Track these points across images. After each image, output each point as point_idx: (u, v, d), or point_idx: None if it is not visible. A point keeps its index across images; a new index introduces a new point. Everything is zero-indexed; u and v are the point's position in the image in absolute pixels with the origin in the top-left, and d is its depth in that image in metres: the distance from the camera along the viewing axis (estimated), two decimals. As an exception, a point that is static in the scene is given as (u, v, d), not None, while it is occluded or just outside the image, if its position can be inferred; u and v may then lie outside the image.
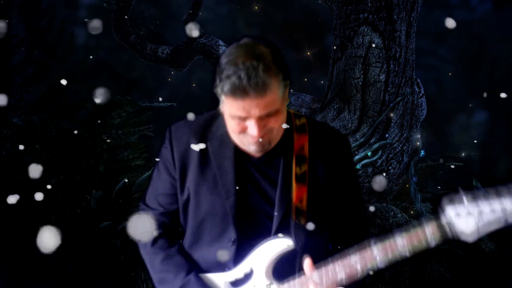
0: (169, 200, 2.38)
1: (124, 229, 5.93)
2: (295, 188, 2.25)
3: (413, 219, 6.40)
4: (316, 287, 2.18)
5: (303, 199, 2.25)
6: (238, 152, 2.28)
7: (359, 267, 2.11)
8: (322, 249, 2.28)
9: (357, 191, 2.39)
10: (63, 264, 5.62)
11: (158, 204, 2.40)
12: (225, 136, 2.28)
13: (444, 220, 2.01)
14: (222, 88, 2.10)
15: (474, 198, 1.96)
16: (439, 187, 7.55)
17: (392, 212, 6.30)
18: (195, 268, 2.33)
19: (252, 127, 2.13)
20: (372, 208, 6.17)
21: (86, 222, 5.93)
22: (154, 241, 2.37)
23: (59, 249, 5.69)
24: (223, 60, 2.12)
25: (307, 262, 2.20)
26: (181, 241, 2.42)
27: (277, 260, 2.24)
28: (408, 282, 5.67)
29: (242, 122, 2.15)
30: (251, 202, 2.27)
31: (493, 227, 1.96)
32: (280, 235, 2.25)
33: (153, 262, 2.36)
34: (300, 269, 2.23)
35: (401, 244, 2.06)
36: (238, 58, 2.09)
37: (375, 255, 2.09)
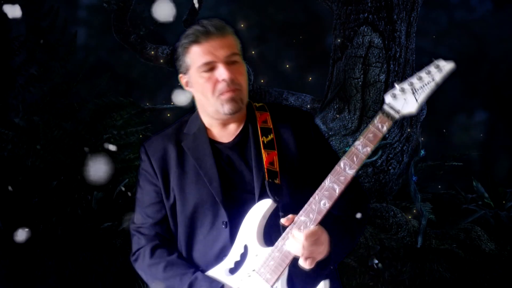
0: (156, 209, 2.40)
1: (125, 230, 5.93)
2: (264, 154, 2.33)
3: (413, 219, 6.41)
4: (301, 229, 2.21)
5: (274, 162, 2.33)
6: (212, 141, 2.37)
7: (334, 185, 2.20)
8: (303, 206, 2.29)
9: (334, 155, 2.45)
10: (63, 264, 5.63)
11: (147, 217, 2.41)
12: (198, 132, 2.38)
13: (384, 105, 2.20)
14: (186, 42, 2.29)
15: (404, 80, 2.22)
16: (439, 187, 7.55)
17: (392, 212, 6.31)
18: (198, 270, 2.34)
19: (222, 70, 2.26)
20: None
21: (87, 222, 5.94)
22: (152, 252, 2.38)
23: (59, 249, 5.71)
24: (182, 37, 2.34)
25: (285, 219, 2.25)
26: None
27: (264, 226, 2.28)
28: (408, 282, 5.68)
29: (212, 75, 2.28)
30: (234, 182, 2.33)
31: (427, 91, 2.18)
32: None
33: (155, 274, 2.37)
34: (284, 227, 2.27)
35: (359, 143, 2.19)
36: (196, 24, 2.33)
37: (343, 166, 2.20)
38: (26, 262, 5.60)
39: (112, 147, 6.33)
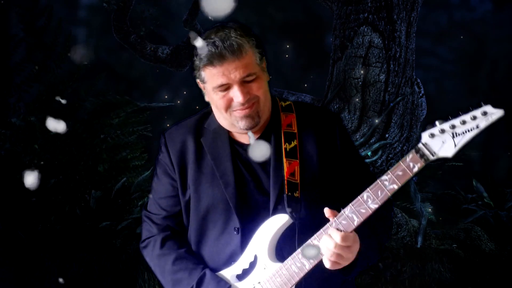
0: (171, 203, 2.39)
1: (123, 229, 5.93)
2: (285, 163, 2.27)
3: (413, 219, 6.40)
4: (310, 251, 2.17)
5: (295, 173, 2.27)
6: (232, 142, 2.33)
7: (353, 216, 2.11)
8: (322, 222, 2.22)
9: (361, 162, 2.41)
10: (63, 264, 5.62)
11: (161, 208, 2.40)
12: (218, 129, 2.33)
13: (420, 144, 2.05)
14: (200, 62, 2.20)
15: (445, 119, 2.03)
16: (439, 187, 7.53)
17: (392, 212, 6.30)
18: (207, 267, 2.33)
19: (236, 93, 2.20)
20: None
21: (86, 222, 5.94)
22: (162, 243, 2.37)
23: (58, 249, 5.70)
24: (197, 49, 2.23)
25: (327, 210, 2.16)
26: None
27: (278, 239, 2.24)
28: (408, 282, 5.67)
29: (226, 94, 2.21)
30: (249, 189, 2.29)
31: (468, 137, 2.00)
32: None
33: (164, 265, 2.36)
34: (300, 244, 2.22)
35: (386, 179, 2.07)
36: (211, 34, 2.21)
37: (365, 198, 2.10)
38: (26, 262, 5.60)
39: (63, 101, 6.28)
